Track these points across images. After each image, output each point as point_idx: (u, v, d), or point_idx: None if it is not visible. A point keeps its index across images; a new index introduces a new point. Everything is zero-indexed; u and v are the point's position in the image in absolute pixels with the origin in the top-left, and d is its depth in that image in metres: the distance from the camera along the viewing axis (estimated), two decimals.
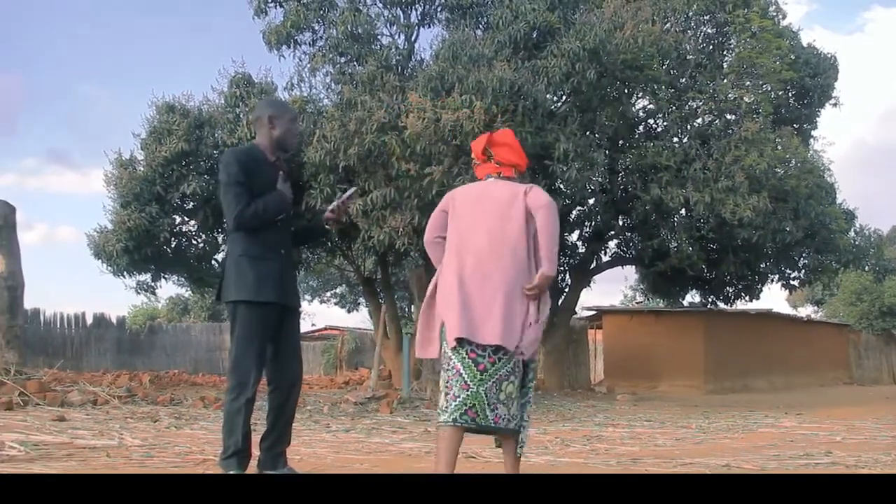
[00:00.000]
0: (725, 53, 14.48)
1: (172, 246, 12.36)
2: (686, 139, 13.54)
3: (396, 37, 11.79)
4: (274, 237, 3.84)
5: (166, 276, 13.24)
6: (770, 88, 13.92)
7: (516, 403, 3.48)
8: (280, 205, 3.84)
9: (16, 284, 10.80)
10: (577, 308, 17.58)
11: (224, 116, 11.51)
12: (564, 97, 11.54)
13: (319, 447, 5.97)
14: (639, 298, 32.64)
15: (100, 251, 11.75)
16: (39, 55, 71.72)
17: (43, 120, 73.46)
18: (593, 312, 21.02)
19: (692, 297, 18.70)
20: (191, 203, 11.93)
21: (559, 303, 16.29)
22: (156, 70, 75.11)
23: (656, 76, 12.69)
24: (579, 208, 15.63)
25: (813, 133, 16.09)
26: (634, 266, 17.08)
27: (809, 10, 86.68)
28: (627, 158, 13.41)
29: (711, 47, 14.44)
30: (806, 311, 35.70)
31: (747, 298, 16.93)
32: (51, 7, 69.77)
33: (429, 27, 12.06)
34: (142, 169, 11.65)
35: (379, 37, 11.60)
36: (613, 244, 16.53)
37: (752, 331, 19.84)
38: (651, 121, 14.79)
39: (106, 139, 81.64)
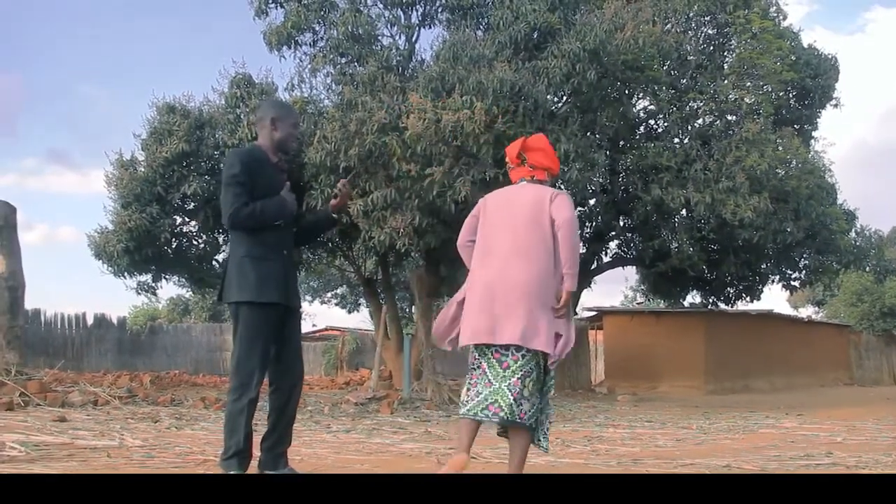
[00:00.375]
0: (726, 54, 14.47)
1: (173, 246, 12.38)
2: (687, 140, 13.54)
3: (397, 37, 11.80)
4: (276, 238, 3.84)
5: (167, 277, 13.25)
6: (771, 89, 13.92)
7: (536, 401, 3.59)
8: (279, 210, 3.84)
9: (16, 285, 10.79)
10: (578, 309, 17.58)
11: (225, 117, 11.52)
12: (565, 98, 11.53)
13: (320, 448, 5.97)
14: (639, 299, 32.66)
15: (100, 252, 11.76)
16: (39, 55, 71.78)
17: (43, 120, 73.56)
18: (594, 313, 21.02)
19: (693, 298, 18.71)
20: (191, 204, 11.94)
21: None
22: (156, 70, 75.19)
23: (657, 77, 12.69)
24: (580, 209, 15.61)
25: (814, 134, 16.09)
26: (635, 267, 17.08)
27: (810, 11, 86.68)
28: (628, 159, 13.41)
29: (712, 48, 14.44)
30: (807, 312, 35.73)
31: (748, 299, 16.93)
32: (51, 7, 69.83)
33: (429, 28, 12.07)
34: (142, 169, 11.66)
35: (379, 37, 11.61)
36: (614, 245, 16.54)
37: (753, 331, 19.83)
38: (652, 121, 14.79)
39: (106, 139, 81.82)
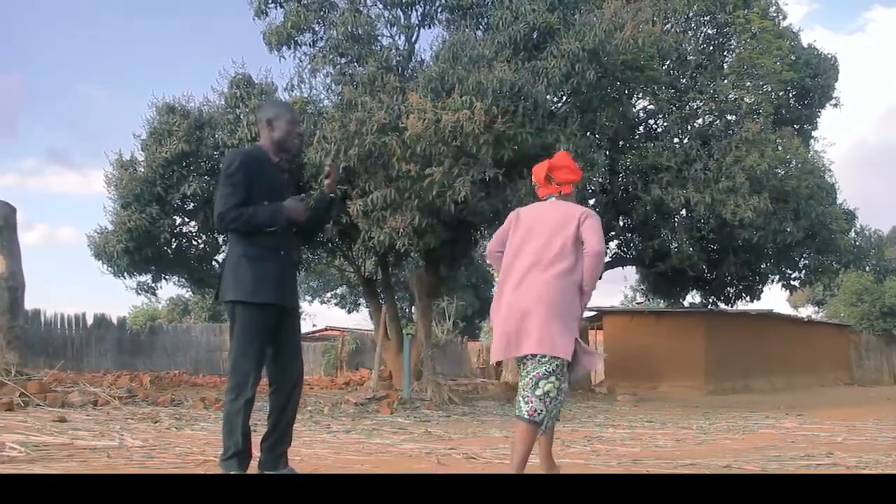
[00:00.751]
0: (726, 54, 14.47)
1: (173, 247, 12.37)
2: (686, 140, 13.53)
3: (397, 38, 11.79)
4: (273, 239, 3.82)
5: (167, 277, 13.24)
6: (770, 89, 13.92)
7: (553, 402, 3.75)
8: (270, 218, 3.77)
9: (16, 285, 10.80)
10: None
11: (224, 117, 11.51)
12: (564, 98, 11.53)
13: (320, 448, 5.97)
14: (639, 299, 32.66)
15: (100, 252, 11.76)
16: (39, 55, 71.82)
17: (43, 120, 73.64)
18: (594, 313, 21.01)
19: (693, 298, 18.70)
20: (191, 204, 11.93)
21: None
22: (156, 71, 75.28)
23: (656, 77, 12.68)
24: None
25: (813, 133, 16.08)
26: (635, 266, 17.07)
27: (810, 10, 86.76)
28: (628, 159, 13.41)
29: (712, 48, 14.43)
30: (807, 312, 35.74)
31: (748, 299, 16.92)
32: (51, 7, 69.86)
33: (429, 28, 12.04)
34: (142, 170, 11.66)
35: (379, 38, 11.60)
36: (614, 245, 16.52)
37: (753, 331, 19.83)
38: (651, 121, 14.79)
39: (106, 139, 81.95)
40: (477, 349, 27.35)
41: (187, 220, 12.55)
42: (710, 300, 17.26)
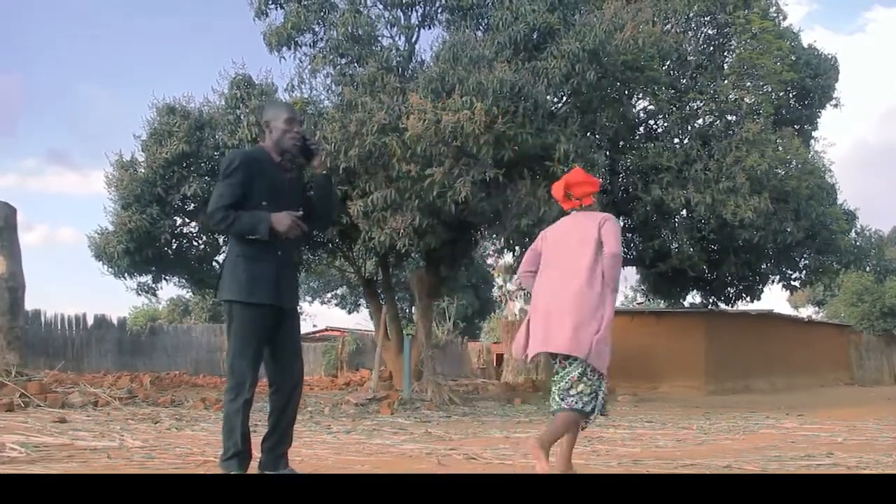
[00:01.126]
0: (726, 54, 14.46)
1: (173, 247, 12.38)
2: (687, 140, 13.53)
3: (397, 38, 11.79)
4: (271, 239, 3.77)
5: (167, 278, 13.25)
6: (771, 89, 13.91)
7: (591, 398, 4.19)
8: (252, 227, 3.70)
9: (17, 286, 10.79)
10: None
11: (225, 118, 11.51)
12: (565, 98, 11.53)
13: (320, 448, 5.97)
14: (640, 299, 32.62)
15: (101, 253, 11.77)
16: (39, 55, 71.86)
17: (43, 120, 73.70)
18: None
19: (693, 298, 18.69)
20: (191, 205, 11.94)
21: None
22: (156, 71, 75.33)
23: (657, 77, 12.67)
24: None
25: (814, 134, 16.06)
26: (635, 267, 17.04)
27: (810, 10, 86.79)
28: (628, 159, 13.40)
29: (712, 48, 14.43)
30: (807, 312, 35.72)
31: (748, 299, 16.91)
32: (51, 7, 69.90)
33: (429, 28, 12.04)
34: (142, 170, 11.67)
35: (379, 38, 11.60)
36: None
37: (754, 332, 19.82)
38: (652, 122, 14.78)
39: (106, 139, 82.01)
40: (477, 349, 27.35)
41: (188, 221, 12.56)
42: (711, 300, 17.26)
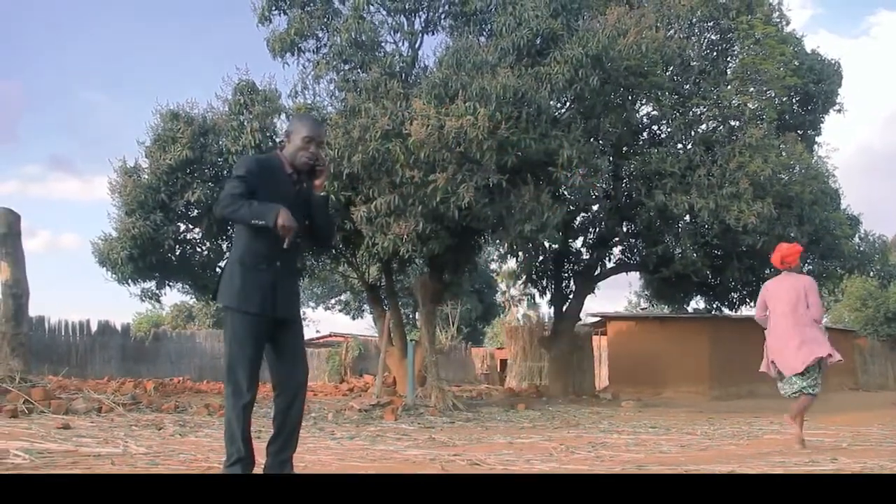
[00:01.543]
0: (729, 60, 14.47)
1: (177, 253, 12.39)
2: (690, 145, 13.53)
3: (400, 44, 11.82)
4: (270, 248, 3.74)
5: (171, 284, 13.25)
6: (774, 94, 13.90)
7: (814, 388, 6.65)
8: (261, 214, 3.61)
9: (20, 292, 10.78)
10: (582, 314, 17.54)
11: (228, 124, 11.52)
12: (568, 104, 11.54)
13: (324, 454, 5.96)
14: (643, 304, 32.59)
15: (104, 259, 11.79)
16: (40, 61, 72.13)
17: (44, 126, 73.95)
18: (598, 319, 20.99)
19: (697, 304, 18.63)
20: (195, 211, 11.95)
21: (563, 309, 16.27)
22: (159, 77, 75.61)
23: (660, 82, 12.68)
24: (583, 215, 15.61)
25: (817, 139, 16.06)
26: (639, 272, 17.05)
27: (814, 14, 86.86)
28: (631, 165, 13.41)
29: (715, 54, 14.43)
30: None
31: (752, 304, 16.85)
32: (52, 12, 70.19)
33: (432, 34, 12.07)
34: (146, 177, 11.69)
35: (383, 44, 11.63)
36: (618, 250, 16.51)
37: (758, 337, 19.56)
38: (655, 127, 14.79)
39: (108, 145, 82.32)
40: (481, 355, 27.31)
41: (191, 227, 12.56)
42: (714, 305, 17.22)
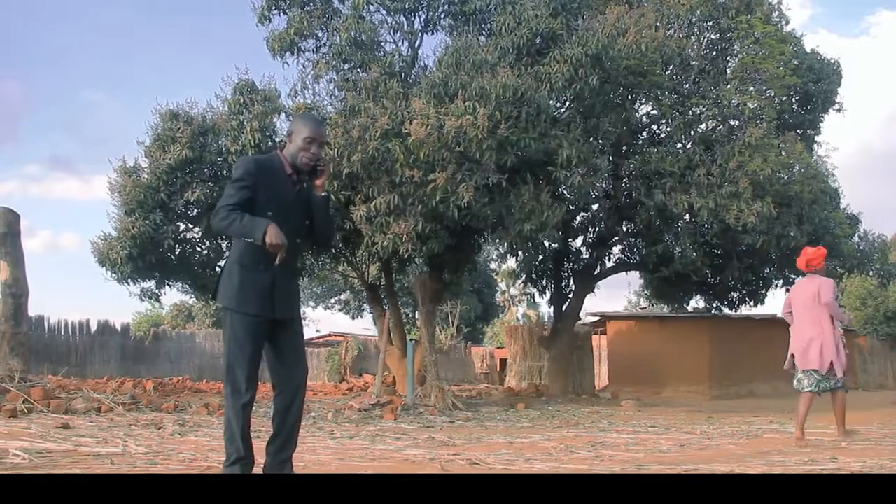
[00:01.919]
0: (729, 59, 14.45)
1: (176, 253, 12.39)
2: (690, 145, 13.52)
3: (400, 43, 11.82)
4: (266, 250, 3.67)
5: (170, 283, 13.25)
6: (773, 94, 13.89)
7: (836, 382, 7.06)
8: (250, 230, 3.60)
9: (20, 292, 10.78)
10: (582, 314, 17.55)
11: (228, 123, 11.52)
12: (567, 103, 11.54)
13: (324, 454, 5.96)
14: (643, 304, 32.61)
15: (104, 258, 11.78)
16: (41, 61, 72.14)
17: (45, 126, 73.98)
18: (597, 318, 21.00)
19: (696, 303, 18.63)
20: (195, 210, 11.95)
21: (563, 308, 16.27)
22: (158, 76, 75.62)
23: (659, 82, 12.68)
24: (583, 214, 15.61)
25: (817, 138, 16.04)
26: (638, 272, 17.04)
27: (814, 14, 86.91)
28: (631, 164, 13.40)
29: (715, 53, 14.42)
30: None
31: (752, 304, 16.88)
32: (52, 13, 70.20)
33: (432, 34, 12.07)
34: (146, 176, 11.68)
35: (382, 43, 11.63)
36: (617, 250, 16.51)
37: (757, 336, 19.75)
38: (654, 126, 14.78)
39: (108, 145, 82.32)
40: (480, 354, 27.33)
41: (191, 227, 12.56)
42: (714, 305, 17.22)
